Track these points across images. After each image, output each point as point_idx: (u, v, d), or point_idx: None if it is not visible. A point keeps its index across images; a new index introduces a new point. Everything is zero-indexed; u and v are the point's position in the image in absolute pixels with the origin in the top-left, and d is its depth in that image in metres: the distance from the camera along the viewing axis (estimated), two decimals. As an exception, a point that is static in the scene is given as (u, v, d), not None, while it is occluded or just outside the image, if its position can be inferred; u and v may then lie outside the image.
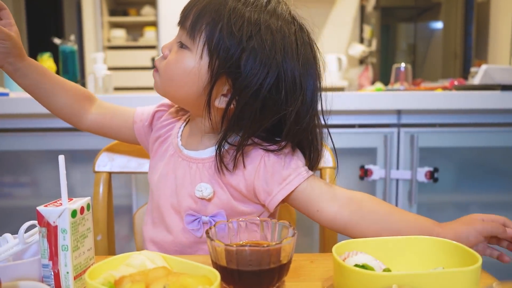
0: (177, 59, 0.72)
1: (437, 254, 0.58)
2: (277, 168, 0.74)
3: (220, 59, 0.68)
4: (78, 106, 0.84)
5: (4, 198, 1.56)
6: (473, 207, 1.59)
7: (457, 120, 1.47)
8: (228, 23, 0.67)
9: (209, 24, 0.69)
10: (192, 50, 0.71)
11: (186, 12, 0.72)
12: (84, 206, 0.56)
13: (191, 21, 0.70)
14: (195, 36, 0.70)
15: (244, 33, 0.67)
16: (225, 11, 0.68)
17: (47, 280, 0.54)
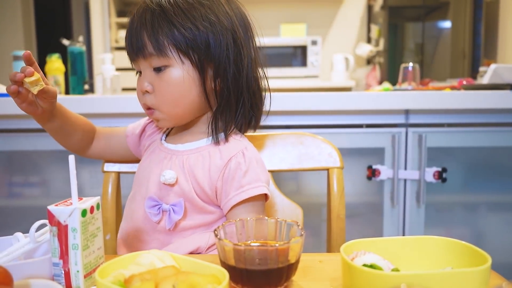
0: (168, 82, 0.75)
1: (445, 254, 0.58)
2: (238, 173, 0.78)
3: (195, 52, 0.74)
4: (87, 140, 0.90)
5: (15, 198, 1.57)
6: (482, 207, 1.58)
7: (465, 120, 1.46)
8: (179, 23, 0.73)
9: (168, 34, 0.73)
10: (172, 64, 0.75)
11: (138, 43, 0.75)
12: (94, 206, 0.57)
13: (153, 44, 0.74)
14: (166, 52, 0.74)
15: (196, 21, 0.74)
16: (168, 16, 0.73)
17: (57, 279, 0.55)
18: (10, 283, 0.46)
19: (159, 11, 0.74)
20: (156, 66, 0.75)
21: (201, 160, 0.79)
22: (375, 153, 1.49)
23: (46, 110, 0.77)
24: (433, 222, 1.51)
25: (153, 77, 0.76)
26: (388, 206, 1.49)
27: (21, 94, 0.73)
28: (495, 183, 1.54)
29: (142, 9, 0.76)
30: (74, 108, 1.41)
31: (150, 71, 0.76)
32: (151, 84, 0.76)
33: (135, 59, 0.77)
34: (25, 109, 0.76)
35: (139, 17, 0.76)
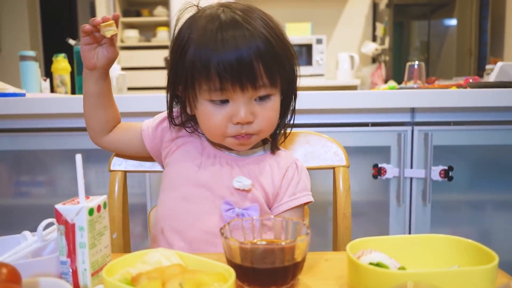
0: (272, 109, 0.78)
1: (452, 253, 0.58)
2: (293, 182, 0.84)
3: (286, 79, 0.80)
4: (111, 124, 0.89)
5: (22, 197, 1.58)
6: (489, 206, 1.57)
7: (472, 118, 1.45)
8: (286, 57, 0.77)
9: (279, 68, 0.76)
10: (275, 93, 0.78)
11: (252, 73, 0.72)
12: (101, 204, 0.57)
13: (269, 77, 0.74)
14: (277, 84, 0.76)
15: (286, 48, 0.78)
16: (277, 49, 0.74)
17: (65, 277, 0.55)
18: (19, 281, 0.47)
19: (268, 40, 0.73)
20: (263, 95, 0.76)
21: (264, 169, 0.84)
22: (381, 151, 1.49)
23: (99, 64, 0.80)
24: (439, 220, 1.50)
25: (254, 106, 0.76)
26: (394, 205, 1.49)
27: (90, 36, 0.77)
28: (502, 182, 1.53)
29: (232, 25, 0.72)
30: (80, 108, 1.41)
31: (250, 100, 0.75)
32: (252, 114, 0.76)
33: (233, 91, 0.73)
34: (84, 51, 0.78)
35: (241, 42, 0.71)
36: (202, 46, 0.72)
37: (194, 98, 0.77)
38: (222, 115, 0.75)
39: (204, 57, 0.72)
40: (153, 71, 4.06)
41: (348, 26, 3.94)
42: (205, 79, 0.73)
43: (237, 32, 0.72)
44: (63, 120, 1.47)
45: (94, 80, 0.82)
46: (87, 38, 0.77)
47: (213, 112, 0.76)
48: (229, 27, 0.72)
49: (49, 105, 1.42)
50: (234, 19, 0.73)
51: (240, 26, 0.72)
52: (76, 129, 1.48)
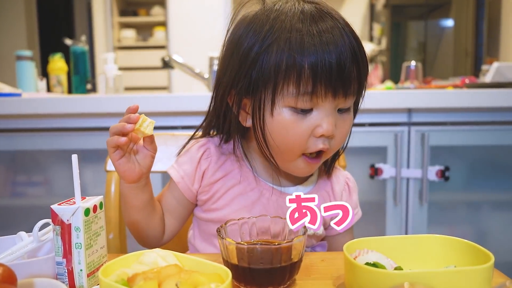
0: (349, 123, 0.69)
1: (448, 253, 0.58)
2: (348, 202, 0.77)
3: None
4: (163, 224, 0.79)
5: (18, 197, 1.58)
6: (485, 206, 1.57)
7: (468, 118, 1.45)
8: (364, 58, 0.66)
9: (365, 75, 0.67)
10: (350, 108, 0.69)
11: (347, 77, 0.63)
12: (97, 205, 0.57)
13: (357, 84, 0.66)
14: (360, 92, 0.69)
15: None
16: (359, 49, 0.65)
17: (61, 278, 0.55)
18: (14, 282, 0.46)
19: (358, 39, 0.64)
20: (347, 107, 0.67)
21: (323, 200, 0.76)
22: (377, 151, 1.49)
23: (144, 170, 0.68)
24: (436, 220, 1.50)
25: (337, 118, 0.66)
26: (391, 205, 1.49)
27: (121, 147, 0.66)
28: (498, 182, 1.53)
29: (326, 29, 0.62)
30: (77, 108, 1.42)
31: (335, 111, 0.65)
32: (335, 125, 0.66)
33: (325, 97, 0.63)
34: (123, 166, 0.66)
35: (341, 41, 0.62)
36: (294, 43, 0.61)
37: (272, 104, 0.65)
38: (305, 125, 0.64)
39: (298, 55, 0.61)
40: (150, 71, 4.05)
41: (345, 27, 3.94)
42: (296, 80, 0.62)
43: (329, 24, 0.63)
44: (59, 120, 1.46)
45: (142, 189, 0.70)
46: (118, 152, 0.66)
47: (294, 121, 0.64)
48: (320, 20, 0.63)
49: (45, 105, 1.41)
50: (320, 11, 0.64)
51: (331, 17, 0.63)
52: (72, 129, 1.47)
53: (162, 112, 1.42)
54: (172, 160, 0.82)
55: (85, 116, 1.45)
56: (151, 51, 4.09)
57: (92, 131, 1.47)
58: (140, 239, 0.78)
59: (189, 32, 3.58)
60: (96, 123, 1.46)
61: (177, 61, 2.05)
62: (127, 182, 0.69)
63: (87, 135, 1.47)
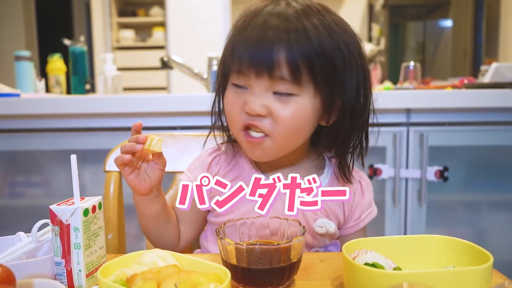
0: (293, 110, 0.66)
1: (447, 253, 0.58)
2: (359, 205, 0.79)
3: (330, 87, 0.67)
4: (178, 232, 0.81)
5: (17, 197, 1.58)
6: (484, 206, 1.57)
7: (467, 119, 1.45)
8: (318, 49, 0.64)
9: (306, 63, 0.65)
10: (301, 94, 0.67)
11: (268, 57, 0.64)
12: (96, 205, 0.57)
13: (290, 69, 0.64)
14: (302, 82, 0.65)
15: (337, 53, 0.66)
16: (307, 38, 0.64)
17: (60, 278, 0.55)
18: (13, 282, 0.46)
19: (299, 27, 0.64)
20: (283, 92, 0.66)
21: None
22: (376, 152, 1.49)
23: (154, 183, 0.71)
24: (434, 221, 1.50)
25: (270, 100, 0.66)
26: (389, 205, 1.49)
27: (130, 163, 0.68)
28: (497, 182, 1.54)
29: (273, 14, 0.66)
30: (75, 108, 1.42)
31: (267, 92, 0.66)
32: (266, 107, 0.66)
33: (248, 75, 0.66)
34: (133, 180, 0.69)
35: (270, 26, 0.64)
36: (236, 29, 0.69)
37: (224, 82, 0.72)
38: (238, 99, 0.69)
39: (239, 35, 0.68)
40: (149, 72, 4.05)
41: (344, 27, 3.94)
42: (230, 60, 0.69)
43: (273, 18, 0.65)
44: (58, 121, 1.46)
45: (154, 200, 0.73)
46: (127, 168, 0.69)
47: (233, 96, 0.70)
48: (268, 15, 0.66)
49: (44, 105, 1.41)
50: (280, 10, 0.66)
51: (283, 16, 0.65)
52: (71, 130, 1.47)
53: (161, 112, 1.42)
54: (171, 160, 0.82)
55: (84, 116, 1.45)
56: (150, 52, 4.09)
57: (91, 132, 1.47)
58: (156, 246, 0.79)
59: (188, 33, 3.58)
60: (95, 123, 1.46)
61: (176, 61, 2.05)
62: (139, 195, 0.72)
63: (86, 136, 1.47)
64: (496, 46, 2.97)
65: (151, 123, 1.44)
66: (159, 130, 1.41)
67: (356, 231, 0.80)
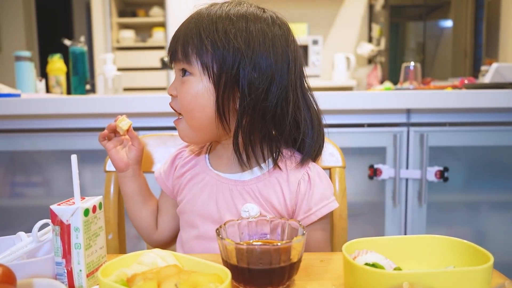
0: (186, 89, 0.74)
1: (447, 253, 0.58)
2: (307, 196, 0.77)
3: (219, 71, 0.71)
4: (155, 220, 0.90)
5: (18, 198, 1.58)
6: (484, 207, 1.57)
7: (467, 119, 1.46)
8: (201, 33, 0.72)
9: (194, 45, 0.72)
10: (194, 73, 0.73)
11: (173, 48, 0.75)
12: (96, 205, 0.57)
13: (182, 49, 0.73)
14: (191, 60, 0.73)
15: (228, 38, 0.71)
16: (204, 26, 0.72)
17: (60, 278, 0.55)
18: (14, 282, 0.46)
19: (196, 19, 0.74)
20: (180, 69, 0.75)
21: (272, 187, 0.77)
22: (376, 152, 1.49)
23: (132, 161, 0.84)
24: (435, 221, 1.50)
25: (179, 82, 0.76)
26: (390, 206, 1.49)
27: (109, 137, 0.83)
28: (497, 182, 1.54)
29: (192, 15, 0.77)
30: (76, 109, 1.42)
31: (179, 76, 0.76)
32: (176, 89, 0.77)
33: (172, 63, 0.78)
34: (114, 154, 0.83)
35: (184, 22, 0.76)
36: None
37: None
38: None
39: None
40: (149, 72, 4.05)
41: (344, 27, 3.94)
42: None
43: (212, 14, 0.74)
44: (58, 121, 1.46)
45: (130, 178, 0.85)
46: (110, 143, 0.83)
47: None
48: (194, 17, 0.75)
49: (44, 105, 1.41)
50: (200, 11, 0.76)
51: (199, 16, 0.74)
52: (71, 130, 1.47)
53: (161, 112, 1.42)
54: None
55: (84, 116, 1.45)
56: (150, 52, 4.09)
57: (91, 132, 1.47)
58: (137, 229, 0.90)
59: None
60: (95, 123, 1.46)
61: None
62: (117, 170, 0.85)
63: (86, 136, 1.47)
64: (496, 47, 2.97)
65: (151, 123, 1.44)
66: (159, 130, 1.41)
67: (312, 226, 0.77)
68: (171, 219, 0.89)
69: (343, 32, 3.94)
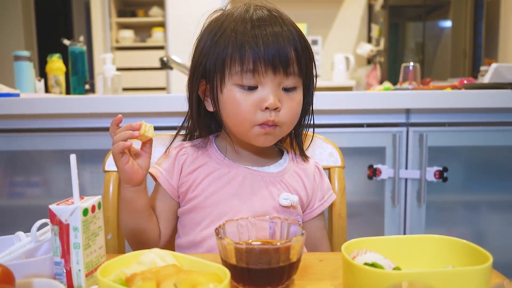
0: (297, 102, 0.78)
1: (446, 253, 0.58)
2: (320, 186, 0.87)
3: (309, 77, 0.80)
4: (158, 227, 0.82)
5: (16, 197, 1.58)
6: (483, 207, 1.58)
7: (466, 119, 1.46)
8: (303, 45, 0.77)
9: (308, 58, 0.78)
10: (300, 86, 0.78)
11: (284, 57, 0.73)
12: (95, 205, 0.57)
13: (298, 64, 0.75)
14: (303, 74, 0.77)
15: (309, 48, 0.79)
16: (299, 36, 0.76)
17: (59, 278, 0.55)
18: (12, 282, 0.46)
19: (300, 32, 0.77)
20: (290, 86, 0.76)
21: (296, 179, 0.84)
22: (376, 152, 1.49)
23: (145, 172, 0.75)
24: (434, 221, 1.50)
25: (281, 94, 0.75)
26: (389, 206, 1.49)
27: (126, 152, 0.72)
28: (496, 183, 1.54)
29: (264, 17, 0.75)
30: (75, 108, 1.42)
31: (279, 88, 0.75)
32: (280, 101, 0.75)
33: (265, 73, 0.73)
34: (130, 169, 0.71)
35: (272, 26, 0.74)
36: (238, 29, 0.73)
37: (221, 84, 0.75)
38: (250, 100, 0.74)
39: (240, 38, 0.72)
40: (148, 72, 4.05)
41: (343, 27, 3.94)
42: (239, 59, 0.72)
43: (271, 20, 0.75)
44: (57, 121, 1.46)
45: (143, 191, 0.76)
46: (125, 156, 0.71)
47: (241, 97, 0.74)
48: (263, 20, 0.74)
49: (43, 105, 1.41)
50: (264, 14, 0.76)
51: (273, 17, 0.75)
52: (71, 130, 1.47)
53: (161, 112, 1.42)
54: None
55: (84, 116, 1.45)
56: (150, 52, 4.08)
57: (90, 132, 1.47)
58: (139, 245, 0.80)
59: (187, 33, 3.56)
60: (94, 123, 1.46)
61: (176, 62, 2.05)
62: (133, 186, 0.74)
63: (85, 136, 1.47)
64: (496, 47, 2.97)
65: (150, 123, 1.44)
66: (159, 130, 1.41)
67: (318, 215, 0.86)
68: (170, 222, 0.84)
69: (342, 32, 3.94)
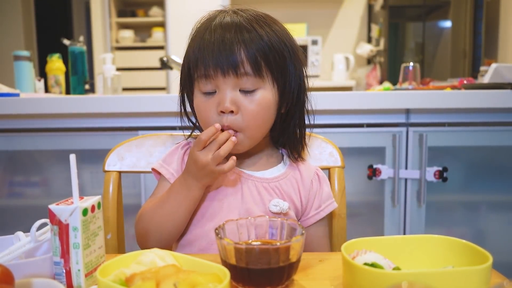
0: (259, 104, 0.74)
1: (446, 253, 0.58)
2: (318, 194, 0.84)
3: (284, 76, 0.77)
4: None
5: (16, 197, 1.58)
6: (483, 207, 1.58)
7: (466, 119, 1.46)
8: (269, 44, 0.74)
9: (264, 56, 0.73)
10: (264, 87, 0.75)
11: (232, 56, 0.71)
12: (95, 205, 0.57)
13: (251, 64, 0.72)
14: (262, 74, 0.74)
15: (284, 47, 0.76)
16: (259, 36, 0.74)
17: (58, 278, 0.55)
18: (12, 282, 0.46)
19: (250, 29, 0.73)
20: (248, 89, 0.73)
21: (293, 186, 0.82)
22: (376, 152, 1.49)
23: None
24: (434, 221, 1.50)
25: (238, 97, 0.73)
26: (389, 206, 1.49)
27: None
28: (496, 183, 1.54)
29: (226, 23, 0.74)
30: (75, 108, 1.42)
31: (235, 90, 0.73)
32: (235, 104, 0.73)
33: (215, 77, 0.73)
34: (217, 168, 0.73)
35: (227, 31, 0.73)
36: (195, 40, 0.76)
37: (191, 89, 0.79)
38: (210, 105, 0.75)
39: (197, 45, 0.75)
40: (148, 72, 4.05)
41: (343, 27, 3.94)
42: (194, 67, 0.75)
43: (237, 25, 0.74)
44: (57, 121, 1.46)
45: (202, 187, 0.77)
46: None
47: (203, 102, 0.76)
48: (227, 25, 0.74)
49: (43, 105, 1.41)
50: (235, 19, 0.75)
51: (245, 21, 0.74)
52: (70, 130, 1.47)
53: (161, 112, 1.42)
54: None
55: (83, 116, 1.45)
56: (150, 52, 4.08)
57: (90, 132, 1.47)
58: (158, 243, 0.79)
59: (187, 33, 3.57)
60: (94, 123, 1.46)
61: (176, 62, 2.05)
62: (208, 182, 0.76)
63: (85, 136, 1.47)
64: (496, 47, 2.97)
65: (150, 123, 1.44)
66: (158, 130, 1.41)
67: (317, 222, 0.83)
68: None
69: (342, 33, 3.94)
